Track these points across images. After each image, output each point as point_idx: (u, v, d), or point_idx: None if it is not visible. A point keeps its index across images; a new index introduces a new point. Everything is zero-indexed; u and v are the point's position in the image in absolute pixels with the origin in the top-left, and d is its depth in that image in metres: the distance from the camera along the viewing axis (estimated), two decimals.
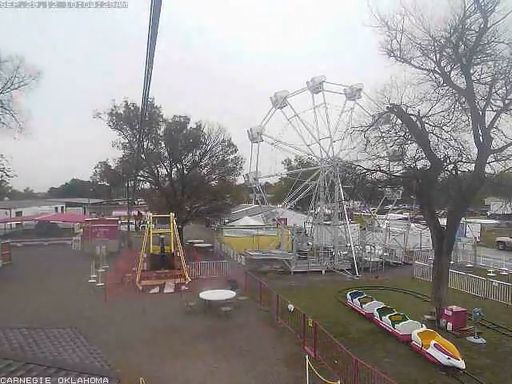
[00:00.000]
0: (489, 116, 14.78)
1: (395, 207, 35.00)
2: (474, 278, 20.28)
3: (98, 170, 36.14)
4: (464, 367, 11.31)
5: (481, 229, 38.63)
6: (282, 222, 32.12)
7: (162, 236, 24.78)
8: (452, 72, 15.16)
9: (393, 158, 16.84)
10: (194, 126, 34.65)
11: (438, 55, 15.04)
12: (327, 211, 31.79)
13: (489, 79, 14.55)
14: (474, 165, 15.03)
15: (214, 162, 35.00)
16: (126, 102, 33.33)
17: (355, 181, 19.24)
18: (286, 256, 26.74)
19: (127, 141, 33.94)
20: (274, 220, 32.06)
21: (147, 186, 39.07)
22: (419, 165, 16.47)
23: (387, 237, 30.58)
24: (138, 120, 30.97)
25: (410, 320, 14.20)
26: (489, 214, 59.81)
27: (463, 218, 24.41)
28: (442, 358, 11.62)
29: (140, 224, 48.57)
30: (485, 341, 13.82)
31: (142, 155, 32.34)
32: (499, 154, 14.72)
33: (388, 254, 28.95)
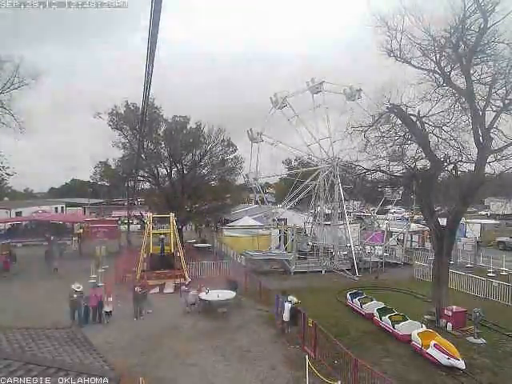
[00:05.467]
0: (489, 116, 14.80)
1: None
2: (474, 277, 20.29)
3: (97, 169, 36.15)
4: (464, 367, 11.33)
5: (481, 229, 38.61)
6: (275, 221, 32.15)
7: (162, 236, 24.77)
8: (452, 72, 15.16)
9: (393, 158, 16.80)
10: (194, 126, 34.71)
11: (437, 55, 15.05)
12: (327, 211, 31.81)
13: (489, 79, 14.55)
14: (474, 165, 15.04)
15: (214, 162, 35.02)
16: (126, 101, 33.39)
17: (355, 181, 19.24)
18: (285, 256, 26.74)
19: (127, 141, 33.95)
20: (274, 220, 32.09)
21: (147, 186, 39.09)
22: (419, 165, 16.48)
23: (387, 237, 30.58)
24: (138, 120, 30.97)
25: (409, 320, 14.21)
26: (489, 214, 59.75)
27: (463, 218, 24.40)
28: (441, 358, 11.63)
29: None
30: (485, 341, 13.82)
31: (142, 155, 32.34)
32: (499, 154, 14.72)
33: (388, 254, 28.94)
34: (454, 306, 15.30)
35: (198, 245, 34.76)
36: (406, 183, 18.20)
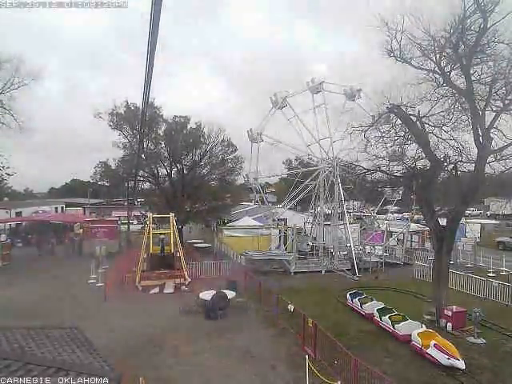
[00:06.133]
0: (489, 116, 14.80)
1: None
2: (474, 277, 20.28)
3: (98, 169, 36.17)
4: (464, 367, 11.31)
5: (481, 229, 38.63)
6: (275, 221, 32.14)
7: (162, 236, 24.77)
8: (452, 72, 15.16)
9: (393, 158, 16.81)
10: (194, 126, 34.72)
11: (437, 55, 15.04)
12: (327, 211, 31.81)
13: (489, 79, 14.53)
14: (474, 165, 15.04)
15: (214, 162, 35.02)
16: (126, 101, 33.40)
17: (355, 181, 19.23)
18: (285, 256, 26.75)
19: (127, 141, 33.97)
20: (274, 220, 32.10)
21: (147, 186, 39.10)
22: (419, 165, 16.47)
23: (387, 237, 30.58)
24: (138, 120, 30.98)
25: (409, 320, 14.20)
26: (489, 214, 59.83)
27: (463, 218, 24.41)
28: (441, 358, 11.62)
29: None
30: (485, 341, 13.82)
31: (142, 155, 32.35)
32: (499, 154, 14.72)
33: (388, 254, 28.94)
34: (454, 306, 15.29)
35: (198, 245, 34.77)
36: (406, 183, 18.20)
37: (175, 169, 35.11)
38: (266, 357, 12.59)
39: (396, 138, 16.07)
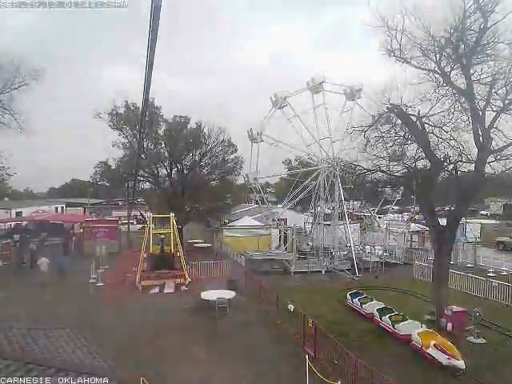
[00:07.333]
0: (489, 116, 14.81)
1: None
2: (474, 277, 20.28)
3: (98, 169, 36.17)
4: (464, 367, 11.30)
5: (481, 229, 38.62)
6: (275, 221, 32.18)
7: (162, 236, 24.76)
8: (452, 72, 15.16)
9: (393, 158, 16.81)
10: (194, 126, 34.70)
11: (437, 55, 15.05)
12: (327, 211, 31.83)
13: (489, 79, 14.55)
14: (473, 165, 15.04)
15: (214, 162, 35.00)
16: (126, 102, 33.37)
17: (355, 181, 19.24)
18: (285, 256, 26.76)
19: (127, 141, 33.93)
20: (273, 220, 32.11)
21: (147, 186, 39.10)
22: (419, 165, 16.47)
23: (387, 237, 30.59)
24: (138, 120, 30.97)
25: (409, 320, 14.21)
26: (489, 214, 59.86)
27: (463, 218, 24.41)
28: (441, 358, 11.62)
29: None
30: (485, 341, 13.81)
31: (142, 155, 32.33)
32: (499, 154, 14.72)
33: (388, 254, 28.94)
34: (454, 306, 15.30)
35: (199, 245, 34.77)
36: (405, 183, 18.19)
37: (175, 169, 35.10)
38: (266, 357, 12.59)
39: (396, 137, 16.07)
